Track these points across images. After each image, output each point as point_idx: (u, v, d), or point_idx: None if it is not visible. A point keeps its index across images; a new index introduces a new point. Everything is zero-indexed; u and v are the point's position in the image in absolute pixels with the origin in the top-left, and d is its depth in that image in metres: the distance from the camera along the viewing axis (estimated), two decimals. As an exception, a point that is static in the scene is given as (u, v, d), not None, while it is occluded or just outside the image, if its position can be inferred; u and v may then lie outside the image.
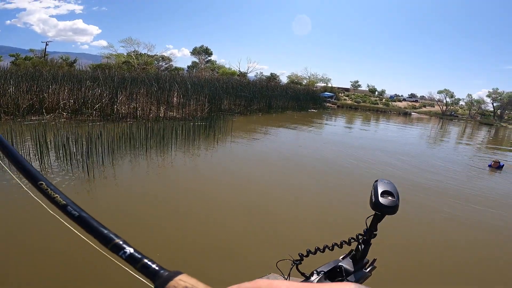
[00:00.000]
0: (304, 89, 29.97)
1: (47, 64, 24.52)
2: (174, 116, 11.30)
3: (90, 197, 3.98)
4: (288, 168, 6.24)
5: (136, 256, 0.25)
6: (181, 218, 3.55)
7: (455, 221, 4.17)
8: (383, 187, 0.77)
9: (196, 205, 3.94)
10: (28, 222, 3.07)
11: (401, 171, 6.67)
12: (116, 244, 0.25)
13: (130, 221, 3.36)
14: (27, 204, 3.26)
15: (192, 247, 2.93)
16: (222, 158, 6.45)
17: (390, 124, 20.74)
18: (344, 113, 26.73)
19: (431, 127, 23.46)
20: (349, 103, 39.10)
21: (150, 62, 32.55)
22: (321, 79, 46.68)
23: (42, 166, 4.76)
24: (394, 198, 0.75)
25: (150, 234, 3.13)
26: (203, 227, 3.32)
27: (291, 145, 8.97)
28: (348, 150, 8.62)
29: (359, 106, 37.37)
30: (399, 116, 32.89)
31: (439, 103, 42.41)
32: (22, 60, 25.36)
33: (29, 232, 2.95)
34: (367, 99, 43.07)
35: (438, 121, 31.22)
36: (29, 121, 8.50)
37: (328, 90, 42.12)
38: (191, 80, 15.46)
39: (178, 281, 0.22)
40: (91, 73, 15.45)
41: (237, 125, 10.80)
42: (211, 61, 40.38)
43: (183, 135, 8.02)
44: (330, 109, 29.26)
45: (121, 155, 5.81)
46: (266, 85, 21.56)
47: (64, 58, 30.09)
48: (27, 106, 9.33)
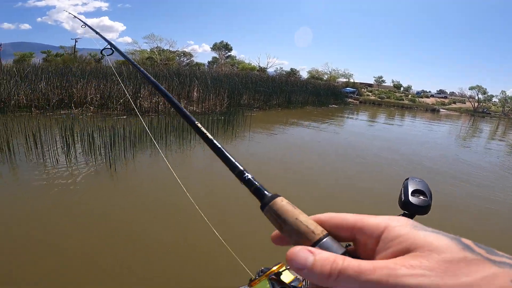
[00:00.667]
0: (324, 84, 29.30)
1: (76, 60, 25.71)
2: (194, 110, 11.45)
3: (112, 188, 4.11)
4: (306, 166, 6.12)
5: (252, 181, 0.33)
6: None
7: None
8: (414, 185, 0.72)
9: (209, 199, 3.95)
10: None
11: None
12: (240, 171, 0.34)
13: (150, 210, 3.43)
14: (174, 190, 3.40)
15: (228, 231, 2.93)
16: (239, 153, 6.44)
17: (417, 121, 19.80)
18: (366, 109, 25.88)
19: (461, 124, 22.13)
20: (372, 98, 37.81)
21: (172, 58, 33.20)
22: (342, 74, 45.50)
23: (68, 158, 4.98)
24: (426, 197, 0.69)
25: (171, 224, 3.17)
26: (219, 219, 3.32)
27: (309, 141, 8.79)
28: (370, 147, 8.32)
29: (382, 102, 36.05)
30: (426, 112, 31.35)
31: (470, 100, 40.04)
32: (53, 56, 26.77)
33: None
34: (391, 95, 41.43)
35: (469, 118, 29.43)
36: (58, 115, 8.95)
37: (350, 85, 40.96)
38: (210, 75, 15.57)
39: (281, 199, 0.29)
40: (116, 69, 15.98)
41: (255, 120, 10.75)
42: (231, 57, 40.55)
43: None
44: (351, 104, 28.43)
45: (142, 148, 5.96)
46: (286, 80, 21.29)
47: (92, 55, 31.43)
48: (57, 101, 9.83)
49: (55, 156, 4.95)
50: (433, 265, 0.20)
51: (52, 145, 5.44)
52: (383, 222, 0.24)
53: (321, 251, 0.24)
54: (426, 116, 25.21)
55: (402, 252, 0.22)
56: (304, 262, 0.23)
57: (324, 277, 0.22)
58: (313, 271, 0.23)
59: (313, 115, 15.30)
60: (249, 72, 26.48)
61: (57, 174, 4.34)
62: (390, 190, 4.90)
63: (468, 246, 0.21)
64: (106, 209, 3.49)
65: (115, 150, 5.41)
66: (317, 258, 0.23)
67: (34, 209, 3.34)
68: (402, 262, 0.21)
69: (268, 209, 0.29)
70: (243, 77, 17.45)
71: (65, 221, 3.13)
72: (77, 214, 3.32)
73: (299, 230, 0.26)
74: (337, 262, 0.22)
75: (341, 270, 0.22)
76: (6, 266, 2.37)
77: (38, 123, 6.43)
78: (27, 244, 2.67)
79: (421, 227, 0.23)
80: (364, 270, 0.21)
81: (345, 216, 0.27)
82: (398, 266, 0.21)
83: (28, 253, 2.54)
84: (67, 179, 4.22)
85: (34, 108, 9.14)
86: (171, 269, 2.53)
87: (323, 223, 0.27)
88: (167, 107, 11.02)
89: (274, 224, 0.29)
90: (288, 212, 0.28)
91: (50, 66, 13.29)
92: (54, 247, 2.66)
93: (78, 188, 3.97)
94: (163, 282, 2.38)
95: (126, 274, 2.41)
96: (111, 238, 2.88)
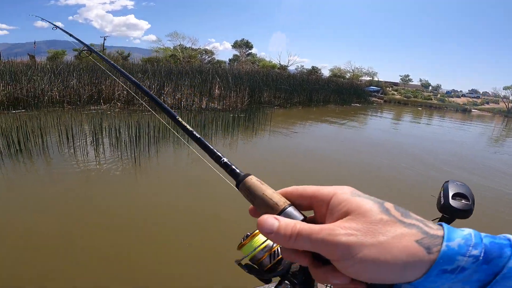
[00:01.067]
0: (347, 82, 28.58)
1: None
2: (215, 107, 11.60)
3: (136, 183, 4.27)
4: (327, 164, 6.01)
5: (228, 164, 0.38)
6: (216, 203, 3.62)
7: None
8: (455, 188, 0.70)
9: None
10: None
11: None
12: (218, 156, 0.40)
13: (173, 203, 3.53)
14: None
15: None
16: (259, 150, 6.46)
17: (446, 121, 18.82)
18: (391, 108, 24.96)
19: (494, 125, 20.75)
20: (397, 98, 36.37)
21: (194, 55, 33.79)
22: (366, 72, 44.13)
23: (96, 152, 5.23)
24: (468, 201, 0.67)
25: (189, 218, 3.25)
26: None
27: (331, 140, 8.62)
28: (396, 147, 8.02)
29: (409, 102, 34.57)
30: (456, 112, 29.72)
31: (504, 100, 37.44)
32: (84, 54, 28.07)
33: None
34: (418, 94, 39.63)
35: (502, 119, 27.54)
36: (88, 110, 9.41)
37: (374, 84, 39.66)
38: (232, 73, 15.68)
39: (251, 178, 0.34)
40: (141, 66, 16.54)
41: (276, 118, 10.72)
42: (251, 54, 40.58)
43: (223, 126, 8.19)
44: (375, 104, 27.53)
45: (166, 143, 6.13)
46: (307, 78, 20.99)
47: (119, 52, 32.69)
48: (87, 97, 10.34)
49: (85, 149, 5.22)
50: (359, 227, 0.25)
51: (82, 139, 5.74)
52: (332, 191, 0.29)
53: (284, 218, 0.29)
54: (456, 117, 23.91)
55: (342, 215, 0.27)
56: (271, 227, 0.28)
57: (286, 238, 0.27)
58: (278, 234, 0.27)
59: (334, 113, 14.99)
60: (269, 70, 26.39)
61: (87, 166, 4.57)
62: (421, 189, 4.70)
63: (386, 210, 0.26)
64: (127, 202, 3.63)
65: (140, 145, 5.61)
66: (281, 223, 0.28)
67: (64, 198, 3.55)
68: (340, 224, 0.26)
69: (242, 187, 0.34)
70: (264, 74, 17.42)
71: (88, 210, 3.29)
72: (99, 205, 3.48)
73: (266, 203, 0.31)
74: (295, 226, 0.27)
75: (298, 232, 0.27)
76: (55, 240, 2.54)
77: (70, 118, 6.80)
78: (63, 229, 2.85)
79: (357, 193, 0.28)
80: (313, 231, 0.26)
81: (306, 188, 0.32)
82: (336, 228, 0.26)
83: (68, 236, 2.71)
84: (95, 171, 4.44)
85: (66, 104, 9.68)
86: (188, 270, 2.58)
87: (288, 194, 0.32)
88: (190, 102, 11.26)
89: (248, 199, 0.33)
90: (256, 188, 0.33)
91: (81, 63, 13.97)
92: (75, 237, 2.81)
93: (104, 180, 4.17)
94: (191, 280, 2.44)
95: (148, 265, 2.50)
96: (136, 227, 3.00)
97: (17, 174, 4.19)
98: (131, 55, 33.07)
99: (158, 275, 2.37)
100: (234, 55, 40.60)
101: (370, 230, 0.24)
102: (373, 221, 0.25)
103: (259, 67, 33.03)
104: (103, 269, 2.40)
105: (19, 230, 2.84)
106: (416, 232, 0.24)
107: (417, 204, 3.92)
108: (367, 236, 0.24)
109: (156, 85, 11.10)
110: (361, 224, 0.25)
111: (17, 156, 4.74)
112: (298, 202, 0.32)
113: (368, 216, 0.25)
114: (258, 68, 31.67)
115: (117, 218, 3.21)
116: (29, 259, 2.42)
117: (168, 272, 2.43)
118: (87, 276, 2.31)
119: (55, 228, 2.91)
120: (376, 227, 0.25)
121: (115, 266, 2.45)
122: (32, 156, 4.80)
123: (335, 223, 0.26)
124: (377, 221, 0.25)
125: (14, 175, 4.15)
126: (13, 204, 3.36)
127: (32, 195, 3.61)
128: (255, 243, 0.44)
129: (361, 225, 0.25)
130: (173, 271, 2.47)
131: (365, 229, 0.25)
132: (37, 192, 3.74)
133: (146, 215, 3.30)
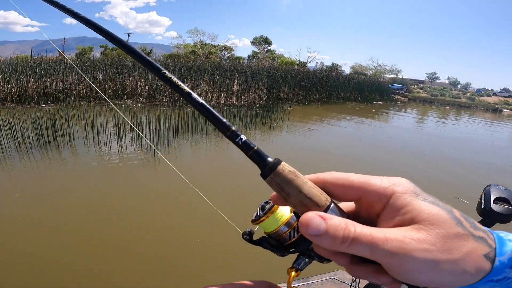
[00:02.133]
0: (369, 79, 27.73)
1: (129, 54, 27.66)
2: (234, 103, 11.70)
3: (155, 175, 4.42)
4: (343, 162, 5.91)
5: (249, 144, 0.27)
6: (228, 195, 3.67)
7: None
8: (497, 193, 0.71)
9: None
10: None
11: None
12: (234, 132, 0.27)
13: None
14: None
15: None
16: (275, 146, 6.45)
17: (475, 120, 17.85)
18: (416, 107, 23.99)
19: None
20: (423, 96, 34.85)
21: (214, 52, 34.09)
22: (389, 70, 42.58)
23: (119, 144, 5.45)
24: (510, 206, 0.69)
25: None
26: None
27: (349, 139, 8.44)
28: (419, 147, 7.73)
29: (435, 100, 33.00)
30: (486, 112, 28.08)
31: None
32: (110, 50, 29.17)
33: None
34: (446, 93, 37.79)
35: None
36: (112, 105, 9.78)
37: (397, 81, 38.22)
38: (250, 69, 15.70)
39: (284, 166, 0.27)
40: (163, 62, 16.94)
41: (294, 115, 10.64)
42: (270, 51, 40.32)
43: (241, 121, 8.25)
44: (399, 101, 26.57)
45: (184, 137, 6.27)
46: (327, 75, 20.59)
47: (142, 49, 33.63)
48: (112, 92, 10.76)
49: (108, 143, 5.46)
50: (434, 240, 0.22)
51: (106, 132, 6.00)
52: (390, 187, 0.25)
53: (332, 217, 0.24)
54: (486, 117, 22.60)
55: (406, 222, 0.24)
56: (318, 229, 0.24)
57: (337, 243, 0.23)
58: (326, 237, 0.24)
59: (354, 111, 14.64)
60: (288, 66, 26.13)
61: (110, 159, 4.79)
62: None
63: (459, 221, 0.24)
64: (146, 193, 3.77)
65: (160, 138, 5.79)
66: (329, 224, 0.24)
67: (88, 187, 3.74)
68: (411, 235, 0.23)
69: (271, 180, 0.27)
70: (283, 71, 17.29)
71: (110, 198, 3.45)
72: (119, 194, 3.64)
73: (304, 203, 0.26)
74: (349, 229, 0.23)
75: (354, 238, 0.23)
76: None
77: (96, 112, 7.11)
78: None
79: (422, 196, 0.25)
80: (376, 240, 0.23)
81: (351, 177, 0.27)
82: (407, 240, 0.23)
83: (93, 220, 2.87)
84: (117, 163, 4.64)
85: (92, 99, 10.12)
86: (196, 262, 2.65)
87: (327, 183, 0.28)
88: (208, 98, 11.42)
89: (280, 194, 0.28)
90: (291, 183, 0.27)
91: (106, 60, 14.55)
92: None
93: (125, 172, 4.35)
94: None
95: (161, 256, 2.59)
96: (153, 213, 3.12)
97: (45, 164, 4.47)
98: (153, 51, 33.91)
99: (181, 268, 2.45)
100: (253, 52, 40.53)
101: (447, 245, 0.23)
102: (450, 235, 0.23)
103: (278, 64, 32.80)
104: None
105: (48, 217, 3.04)
106: (484, 246, 0.24)
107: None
108: (443, 253, 0.22)
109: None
110: (436, 237, 0.23)
111: (46, 147, 5.04)
112: (340, 193, 0.27)
113: (443, 228, 0.23)
114: (277, 64, 31.46)
115: (132, 206, 3.35)
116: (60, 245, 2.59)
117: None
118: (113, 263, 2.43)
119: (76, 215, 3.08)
120: (453, 242, 0.23)
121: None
122: (59, 147, 5.09)
123: (403, 232, 0.23)
124: (454, 235, 0.23)
125: (42, 165, 4.42)
126: (41, 192, 3.60)
127: (58, 185, 3.84)
128: (279, 217, 0.39)
129: (436, 238, 0.23)
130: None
131: (440, 244, 0.23)
132: (63, 182, 3.97)
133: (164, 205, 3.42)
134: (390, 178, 0.27)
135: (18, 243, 2.56)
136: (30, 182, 3.87)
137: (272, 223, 0.39)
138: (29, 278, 2.20)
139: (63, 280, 2.21)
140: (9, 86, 8.84)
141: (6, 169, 4.15)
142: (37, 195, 3.51)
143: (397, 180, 0.26)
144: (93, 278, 2.26)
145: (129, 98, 10.82)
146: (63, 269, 2.32)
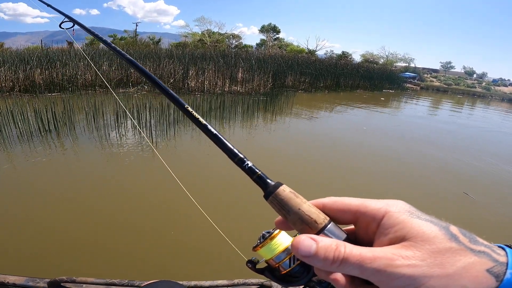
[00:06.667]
0: (379, 68, 26.89)
1: (137, 43, 27.72)
2: (238, 90, 11.60)
3: (154, 162, 4.43)
4: (348, 153, 5.78)
5: (254, 169, 0.32)
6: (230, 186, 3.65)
7: None
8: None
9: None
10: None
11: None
12: (240, 158, 0.32)
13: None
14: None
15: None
16: (276, 135, 6.35)
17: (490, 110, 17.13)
18: (428, 96, 23.22)
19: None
20: (436, 85, 33.64)
21: (222, 40, 33.68)
22: (401, 58, 41.08)
23: (119, 132, 5.47)
24: None
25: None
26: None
27: (353, 127, 8.25)
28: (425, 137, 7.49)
29: (449, 89, 31.85)
30: (501, 102, 26.95)
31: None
32: (118, 40, 29.20)
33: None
34: (461, 82, 36.34)
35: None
36: (117, 93, 9.84)
37: (410, 70, 36.94)
38: (255, 56, 15.45)
39: (284, 188, 0.30)
40: (168, 51, 16.84)
41: (298, 102, 10.47)
42: (279, 39, 39.54)
43: (243, 108, 8.16)
44: (410, 90, 25.75)
45: (185, 125, 6.26)
46: (335, 63, 20.05)
47: (151, 38, 33.51)
48: (117, 80, 10.80)
49: (108, 130, 5.49)
50: (424, 256, 0.22)
51: (108, 120, 6.03)
52: (383, 207, 0.26)
53: (323, 239, 0.25)
54: (502, 106, 21.71)
55: (398, 239, 0.24)
56: (309, 250, 0.25)
57: (328, 263, 0.24)
58: (317, 258, 0.25)
59: (362, 99, 14.26)
60: (296, 54, 25.58)
61: (110, 146, 4.82)
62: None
63: (454, 236, 0.23)
64: (143, 181, 3.79)
65: (160, 126, 5.79)
66: (320, 246, 0.25)
67: (87, 175, 3.79)
68: (399, 252, 0.23)
69: (272, 199, 0.30)
70: (289, 59, 16.94)
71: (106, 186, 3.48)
72: (116, 184, 3.66)
73: (303, 219, 0.28)
74: (339, 250, 0.24)
75: (343, 258, 0.24)
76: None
77: (101, 100, 7.16)
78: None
79: (416, 214, 0.25)
80: (364, 259, 0.23)
81: (348, 201, 0.28)
82: (395, 257, 0.23)
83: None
84: (116, 151, 4.67)
85: (98, 87, 10.20)
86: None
87: (326, 207, 0.29)
88: (212, 86, 11.35)
89: (279, 213, 0.30)
90: (291, 201, 0.29)
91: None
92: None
93: (123, 160, 4.37)
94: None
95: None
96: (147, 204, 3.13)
97: (46, 152, 4.53)
98: (161, 40, 33.77)
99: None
100: (261, 40, 39.86)
101: (437, 260, 0.22)
102: (440, 250, 0.22)
103: (287, 52, 32.18)
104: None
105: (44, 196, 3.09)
106: (486, 261, 0.23)
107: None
108: (433, 268, 0.22)
109: (181, 69, 11.30)
110: (425, 252, 0.22)
111: (47, 135, 5.10)
112: (338, 216, 0.29)
113: (434, 243, 0.23)
114: (286, 52, 30.86)
115: (129, 196, 3.37)
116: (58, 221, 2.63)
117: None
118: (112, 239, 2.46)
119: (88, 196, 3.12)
120: (445, 257, 0.22)
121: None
122: (60, 136, 5.15)
123: (392, 250, 0.23)
124: (445, 249, 0.23)
125: (43, 153, 4.49)
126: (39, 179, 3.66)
127: (61, 170, 3.90)
128: (276, 245, 0.37)
129: (425, 254, 0.23)
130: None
131: (430, 259, 0.22)
132: (67, 167, 4.02)
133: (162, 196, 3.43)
134: (386, 200, 0.27)
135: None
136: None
137: (271, 249, 0.37)
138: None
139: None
140: (16, 76, 8.98)
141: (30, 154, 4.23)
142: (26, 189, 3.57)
143: (392, 202, 0.27)
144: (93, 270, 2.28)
145: (134, 87, 10.86)
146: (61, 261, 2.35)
